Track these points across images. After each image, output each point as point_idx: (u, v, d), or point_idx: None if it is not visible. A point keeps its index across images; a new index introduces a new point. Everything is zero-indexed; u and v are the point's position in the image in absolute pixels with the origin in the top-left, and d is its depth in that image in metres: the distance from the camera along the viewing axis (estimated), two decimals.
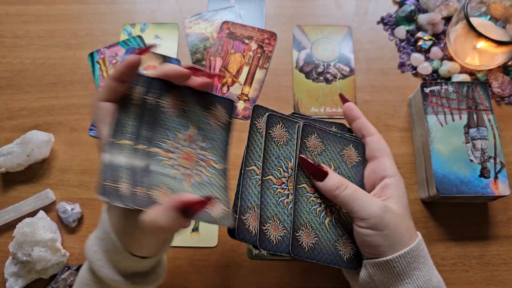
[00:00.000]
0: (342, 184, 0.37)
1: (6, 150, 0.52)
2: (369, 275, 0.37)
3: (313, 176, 0.38)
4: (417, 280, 0.36)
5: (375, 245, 0.36)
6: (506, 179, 0.46)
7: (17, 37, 0.62)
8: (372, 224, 0.35)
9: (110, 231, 0.33)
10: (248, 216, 0.37)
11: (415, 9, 0.60)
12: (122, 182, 0.33)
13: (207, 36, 0.61)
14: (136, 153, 0.34)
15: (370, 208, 0.36)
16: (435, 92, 0.51)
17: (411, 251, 0.36)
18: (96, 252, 0.34)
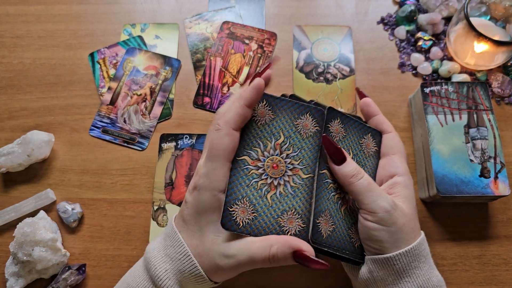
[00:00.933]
0: (358, 173, 0.36)
1: (7, 150, 0.52)
2: (369, 271, 0.37)
3: (332, 157, 0.37)
4: (417, 279, 0.35)
5: (379, 240, 0.36)
6: (506, 179, 0.46)
7: (17, 37, 0.62)
8: (380, 218, 0.35)
9: (191, 255, 0.34)
10: (321, 220, 0.36)
11: (415, 9, 0.60)
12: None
13: (207, 36, 0.61)
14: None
15: (381, 203, 0.35)
16: (435, 92, 0.51)
17: (413, 249, 0.36)
18: (167, 272, 0.34)
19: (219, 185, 0.34)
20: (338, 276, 0.48)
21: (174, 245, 0.35)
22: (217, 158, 0.34)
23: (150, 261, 0.35)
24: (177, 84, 0.58)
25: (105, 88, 0.58)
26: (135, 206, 0.52)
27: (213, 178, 0.34)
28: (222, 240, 0.34)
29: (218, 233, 0.34)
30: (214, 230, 0.34)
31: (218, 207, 0.34)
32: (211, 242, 0.34)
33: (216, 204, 0.34)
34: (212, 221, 0.35)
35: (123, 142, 0.55)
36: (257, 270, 0.48)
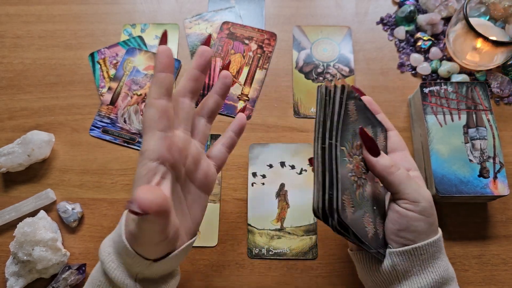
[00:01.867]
0: (396, 163, 0.36)
1: (7, 150, 0.52)
2: (393, 265, 0.36)
3: (370, 150, 0.37)
4: (438, 269, 0.36)
5: (417, 231, 0.35)
6: (505, 179, 0.46)
7: (17, 37, 0.62)
8: (422, 208, 0.35)
9: (122, 233, 0.33)
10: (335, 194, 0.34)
11: (414, 9, 0.60)
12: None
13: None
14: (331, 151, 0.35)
15: (423, 192, 0.36)
16: (434, 92, 0.51)
17: (438, 240, 0.36)
18: (110, 254, 0.34)
19: (149, 154, 0.33)
20: (337, 276, 0.48)
21: (117, 228, 0.35)
22: (146, 130, 0.34)
23: (100, 247, 0.35)
24: (177, 84, 0.58)
25: (105, 88, 0.58)
26: None
27: (144, 149, 0.33)
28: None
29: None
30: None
31: (145, 175, 0.33)
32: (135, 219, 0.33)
33: (144, 173, 0.33)
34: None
35: (123, 142, 0.55)
36: (253, 271, 0.48)
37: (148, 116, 0.34)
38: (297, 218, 0.51)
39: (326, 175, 0.34)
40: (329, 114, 0.36)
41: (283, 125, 0.56)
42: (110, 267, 0.34)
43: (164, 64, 0.35)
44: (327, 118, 0.36)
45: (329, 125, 0.36)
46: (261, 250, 0.49)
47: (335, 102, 0.36)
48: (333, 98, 0.36)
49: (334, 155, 0.35)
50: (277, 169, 0.53)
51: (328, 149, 0.35)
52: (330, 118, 0.36)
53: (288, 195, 0.52)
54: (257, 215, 0.51)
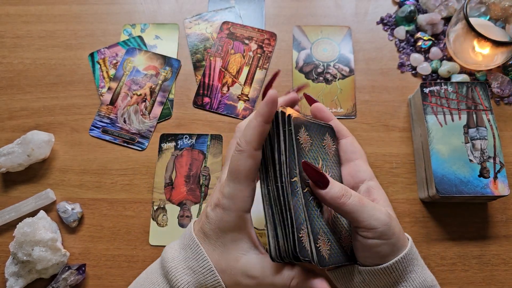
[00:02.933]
0: (346, 191, 0.34)
1: (7, 150, 0.52)
2: (365, 282, 0.36)
3: (316, 183, 0.34)
4: (413, 282, 0.35)
5: (382, 256, 0.34)
6: (505, 179, 0.46)
7: (17, 37, 0.62)
8: (380, 233, 0.33)
9: (215, 270, 0.35)
10: (303, 234, 0.34)
11: (414, 9, 0.60)
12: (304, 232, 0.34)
13: (207, 37, 0.61)
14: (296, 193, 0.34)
15: (379, 217, 0.34)
16: (434, 92, 0.51)
17: (407, 254, 0.35)
18: (189, 284, 0.35)
19: (244, 206, 0.35)
20: None
21: (196, 258, 0.35)
22: (241, 180, 0.35)
23: (170, 272, 0.35)
24: (177, 84, 0.59)
25: (105, 88, 0.58)
26: (135, 206, 0.52)
27: (238, 199, 0.35)
28: (246, 259, 0.35)
29: (241, 252, 0.35)
30: (238, 248, 0.35)
31: (243, 226, 0.35)
32: (234, 260, 0.35)
33: (242, 224, 0.35)
34: (236, 240, 0.35)
35: (123, 142, 0.55)
36: None
37: (246, 167, 0.34)
38: None
39: (288, 216, 0.34)
40: (281, 151, 0.34)
41: None
42: None
43: (271, 114, 0.34)
44: (279, 155, 0.35)
45: (284, 163, 0.34)
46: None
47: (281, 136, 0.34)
48: (280, 132, 0.35)
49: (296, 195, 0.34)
50: None
51: (289, 189, 0.34)
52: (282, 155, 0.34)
53: None
54: (257, 215, 0.51)
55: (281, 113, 0.35)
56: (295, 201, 0.34)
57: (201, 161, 0.54)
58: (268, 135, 0.35)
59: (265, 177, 0.36)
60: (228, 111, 0.57)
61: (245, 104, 0.57)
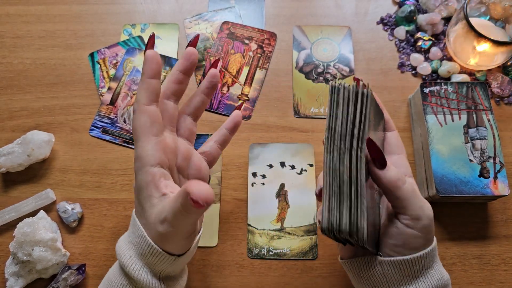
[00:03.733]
0: (402, 177, 0.34)
1: (7, 150, 0.52)
2: (383, 273, 0.36)
3: (376, 162, 0.34)
4: (431, 278, 0.35)
5: (415, 247, 0.35)
6: (505, 179, 0.46)
7: (17, 37, 0.62)
8: (423, 226, 0.34)
9: (144, 235, 0.34)
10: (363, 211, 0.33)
11: (414, 9, 0.60)
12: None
13: (207, 37, 0.61)
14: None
15: (426, 210, 0.34)
16: (434, 92, 0.51)
17: (432, 250, 0.35)
18: (131, 257, 0.35)
19: (149, 160, 0.34)
20: (337, 276, 0.48)
21: (134, 230, 0.35)
22: (140, 136, 0.35)
23: (117, 252, 0.36)
24: None
25: (105, 88, 0.58)
26: None
27: (143, 155, 0.35)
28: (156, 209, 0.34)
29: (153, 205, 0.34)
30: (151, 203, 0.34)
31: (151, 181, 0.34)
32: (150, 215, 0.34)
33: (150, 179, 0.34)
34: (149, 196, 0.34)
35: (123, 142, 0.55)
36: (253, 271, 0.48)
37: (140, 123, 0.35)
38: (297, 218, 0.51)
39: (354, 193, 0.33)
40: (355, 124, 0.33)
41: (283, 125, 0.56)
42: (134, 269, 0.34)
43: (153, 70, 0.35)
44: (353, 127, 0.33)
45: (357, 134, 0.33)
46: (261, 250, 0.49)
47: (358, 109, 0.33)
48: (358, 104, 0.33)
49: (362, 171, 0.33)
50: (277, 169, 0.53)
51: (356, 163, 0.33)
52: (356, 128, 0.33)
53: (288, 195, 0.52)
54: (257, 215, 0.51)
55: (362, 86, 0.34)
56: (361, 175, 0.32)
57: None
58: (342, 104, 0.34)
59: (331, 145, 0.34)
60: (228, 111, 0.57)
61: (245, 104, 0.57)
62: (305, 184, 0.52)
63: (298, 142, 0.55)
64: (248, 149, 0.54)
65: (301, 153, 0.54)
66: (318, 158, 0.54)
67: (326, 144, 0.34)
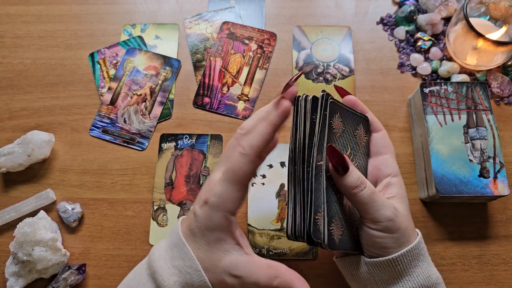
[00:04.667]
0: (361, 183, 0.35)
1: (7, 150, 0.52)
2: (369, 273, 0.37)
3: (336, 168, 0.35)
4: (417, 278, 0.36)
5: (384, 247, 0.36)
6: (505, 179, 0.46)
7: (17, 37, 0.62)
8: (384, 227, 0.35)
9: (201, 270, 0.34)
10: (319, 216, 0.35)
11: (414, 9, 0.60)
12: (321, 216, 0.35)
13: (207, 37, 0.61)
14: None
15: (384, 212, 0.35)
16: (434, 92, 0.51)
17: (413, 249, 0.36)
18: (176, 284, 0.34)
19: (232, 207, 0.35)
20: (337, 276, 0.48)
21: (183, 257, 0.35)
22: (237, 182, 0.35)
23: (157, 271, 0.35)
24: (177, 84, 0.59)
25: (105, 88, 0.58)
26: (135, 206, 0.52)
27: (228, 200, 0.34)
28: (229, 259, 0.35)
29: (225, 252, 0.35)
30: (222, 248, 0.35)
31: (228, 227, 0.35)
32: (218, 259, 0.35)
33: (227, 224, 0.35)
34: (221, 239, 0.35)
35: (123, 142, 0.55)
36: None
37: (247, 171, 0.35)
38: None
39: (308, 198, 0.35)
40: (313, 133, 0.35)
41: (283, 125, 0.56)
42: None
43: (281, 123, 0.36)
44: (310, 137, 0.35)
45: (315, 145, 0.35)
46: (261, 250, 0.49)
47: (316, 119, 0.35)
48: (317, 114, 0.35)
49: (320, 178, 0.35)
50: (277, 169, 0.53)
51: (313, 172, 0.35)
52: (315, 137, 0.35)
53: None
54: (257, 215, 0.51)
55: (322, 96, 0.36)
56: (317, 184, 0.35)
57: (201, 161, 0.54)
58: (302, 114, 0.36)
59: (293, 156, 0.36)
60: (228, 111, 0.57)
61: (245, 104, 0.57)
62: None
63: None
64: None
65: None
66: None
67: (290, 155, 0.37)
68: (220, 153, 0.54)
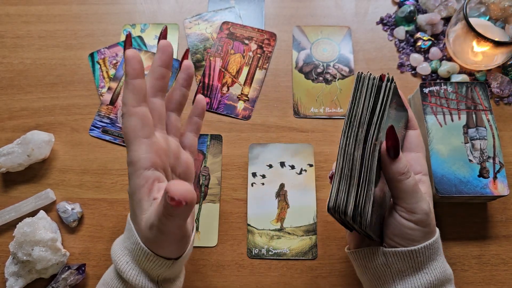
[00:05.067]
0: (408, 171, 0.35)
1: (7, 150, 0.52)
2: (387, 263, 0.37)
3: (390, 151, 0.34)
4: (434, 271, 0.36)
5: (412, 239, 0.36)
6: (505, 179, 0.46)
7: (18, 38, 0.62)
8: (419, 219, 0.35)
9: (138, 241, 0.34)
10: (368, 196, 0.34)
11: (414, 9, 0.60)
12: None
13: (207, 37, 0.61)
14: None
15: (422, 205, 0.35)
16: (434, 92, 0.51)
17: (434, 242, 0.36)
18: (128, 263, 0.35)
19: (142, 164, 0.33)
20: (337, 276, 0.48)
21: (129, 236, 0.35)
22: (131, 140, 0.34)
23: (113, 257, 0.36)
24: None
25: (105, 88, 0.58)
26: None
27: (135, 159, 0.34)
28: (146, 215, 0.34)
29: (143, 211, 0.34)
30: (141, 210, 0.34)
31: (144, 185, 0.34)
32: (141, 221, 0.34)
33: (142, 183, 0.34)
34: (138, 200, 0.34)
35: (123, 142, 0.55)
36: (254, 271, 0.48)
37: (130, 126, 0.34)
38: (297, 218, 0.51)
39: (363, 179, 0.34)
40: (374, 113, 0.35)
41: (283, 125, 0.56)
42: (131, 275, 0.35)
43: (136, 69, 0.34)
44: (372, 115, 0.35)
45: (373, 124, 0.34)
46: (261, 250, 0.49)
47: (380, 99, 0.35)
48: (380, 95, 0.35)
49: (374, 158, 0.34)
50: (277, 169, 0.53)
51: (369, 150, 0.34)
52: (374, 117, 0.35)
53: (288, 195, 0.52)
54: (257, 215, 0.51)
55: (387, 79, 0.35)
56: (371, 163, 0.34)
57: (200, 161, 0.54)
58: (364, 92, 0.36)
59: (347, 130, 0.35)
60: (228, 111, 0.57)
61: (245, 104, 0.57)
62: (304, 184, 0.52)
63: (297, 142, 0.55)
64: (248, 149, 0.54)
65: (301, 153, 0.54)
66: (318, 158, 0.54)
67: (344, 128, 0.36)
68: (220, 153, 0.54)
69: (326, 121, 0.56)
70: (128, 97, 0.34)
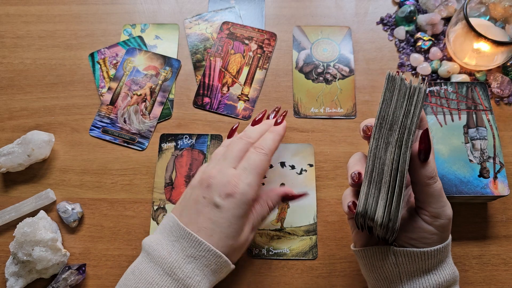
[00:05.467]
0: (436, 175, 0.35)
1: (7, 150, 0.52)
2: (396, 264, 0.37)
3: (421, 154, 0.34)
4: (443, 272, 0.36)
5: (429, 243, 0.36)
6: (505, 179, 0.46)
7: (17, 38, 0.62)
8: (441, 224, 0.36)
9: (212, 247, 0.38)
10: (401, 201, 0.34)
11: (414, 9, 0.60)
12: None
13: (207, 37, 0.61)
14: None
15: (447, 210, 0.36)
16: (434, 92, 0.51)
17: (447, 245, 0.37)
18: (194, 269, 0.38)
19: (255, 195, 0.42)
20: (337, 276, 0.48)
21: (193, 245, 0.38)
22: (260, 176, 0.42)
23: (173, 265, 0.37)
24: (177, 84, 0.59)
25: (105, 88, 0.58)
26: (135, 206, 0.52)
27: (255, 190, 0.41)
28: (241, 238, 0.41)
29: (252, 230, 0.43)
30: (249, 228, 0.42)
31: (249, 212, 0.42)
32: (235, 241, 0.40)
33: (250, 210, 0.42)
34: (248, 222, 0.42)
35: (123, 142, 0.55)
36: (253, 271, 0.48)
37: (267, 166, 0.43)
38: (297, 218, 0.51)
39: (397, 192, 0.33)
40: (408, 116, 0.34)
41: None
42: (195, 280, 0.38)
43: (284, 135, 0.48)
44: (404, 119, 0.34)
45: (409, 126, 0.33)
46: (261, 250, 0.49)
47: (414, 103, 0.34)
48: (414, 99, 0.34)
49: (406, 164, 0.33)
50: (277, 169, 0.53)
51: (404, 155, 0.33)
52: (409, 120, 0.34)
53: None
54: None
55: (423, 84, 0.35)
56: (403, 167, 0.33)
57: (201, 161, 0.54)
58: (396, 94, 0.35)
59: (378, 133, 0.35)
60: (228, 111, 0.57)
61: (245, 104, 0.57)
62: (305, 184, 0.52)
63: (298, 142, 0.55)
64: None
65: (301, 153, 0.54)
66: (318, 158, 0.54)
67: (374, 130, 0.35)
68: None
69: (326, 121, 0.56)
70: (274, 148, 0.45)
